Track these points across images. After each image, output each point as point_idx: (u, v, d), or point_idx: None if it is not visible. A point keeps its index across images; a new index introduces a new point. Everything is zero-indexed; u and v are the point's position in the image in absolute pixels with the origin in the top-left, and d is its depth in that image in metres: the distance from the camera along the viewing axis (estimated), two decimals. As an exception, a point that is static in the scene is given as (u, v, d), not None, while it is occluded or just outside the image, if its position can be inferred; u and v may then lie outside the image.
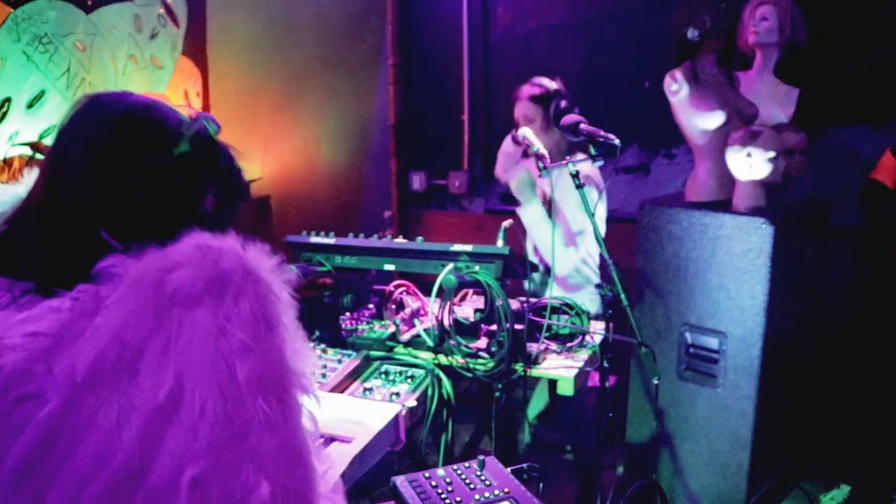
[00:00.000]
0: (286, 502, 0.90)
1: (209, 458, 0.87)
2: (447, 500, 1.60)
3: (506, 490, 1.65)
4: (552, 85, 3.18)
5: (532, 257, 3.26)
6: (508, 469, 1.77)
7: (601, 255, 2.91)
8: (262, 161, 5.16)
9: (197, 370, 0.89)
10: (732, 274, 3.10)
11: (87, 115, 1.07)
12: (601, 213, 3.15)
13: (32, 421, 0.87)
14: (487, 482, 1.69)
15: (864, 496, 3.45)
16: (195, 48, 4.71)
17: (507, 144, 3.30)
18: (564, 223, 3.14)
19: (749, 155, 3.03)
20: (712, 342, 3.19)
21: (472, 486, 1.67)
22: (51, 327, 0.92)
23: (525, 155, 3.19)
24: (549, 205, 3.15)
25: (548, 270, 3.06)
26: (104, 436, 0.86)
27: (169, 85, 4.71)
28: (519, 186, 3.15)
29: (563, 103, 3.04)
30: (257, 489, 0.88)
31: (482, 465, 1.76)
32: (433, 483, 1.67)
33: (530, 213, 3.12)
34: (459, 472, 1.73)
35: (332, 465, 1.46)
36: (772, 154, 3.02)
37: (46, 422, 0.87)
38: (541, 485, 1.85)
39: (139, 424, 0.86)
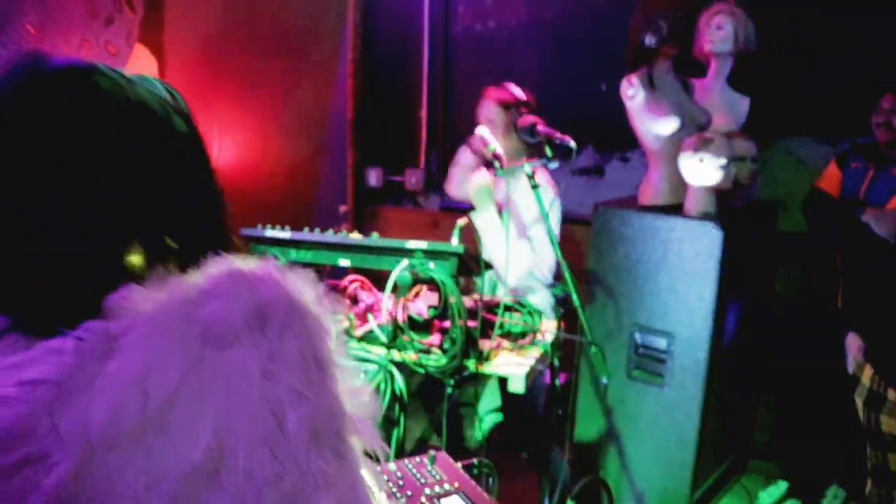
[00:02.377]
0: None
1: None
2: (398, 494, 1.62)
3: (456, 485, 1.68)
4: (521, 94, 3.21)
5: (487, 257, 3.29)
6: (459, 464, 1.79)
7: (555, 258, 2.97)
8: (217, 153, 5.10)
9: (239, 423, 0.73)
10: (682, 276, 3.17)
11: (51, 95, 0.86)
12: (555, 217, 3.19)
13: (38, 490, 0.70)
14: (438, 477, 1.71)
15: (798, 492, 3.56)
16: (152, 36, 4.66)
17: (463, 156, 3.33)
18: (519, 228, 3.17)
19: (701, 161, 3.10)
20: (661, 343, 3.26)
21: (422, 480, 1.69)
22: (52, 373, 0.74)
23: (487, 165, 3.21)
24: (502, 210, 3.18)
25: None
26: None
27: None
28: (478, 193, 3.17)
29: (527, 113, 3.07)
30: None
31: (433, 460, 1.78)
32: (384, 477, 1.69)
33: (485, 220, 3.15)
34: (410, 466, 1.75)
35: None
36: (723, 161, 3.08)
37: (55, 491, 0.70)
38: (491, 480, 1.88)
39: (172, 491, 0.71)
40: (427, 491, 1.64)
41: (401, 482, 1.67)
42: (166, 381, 0.73)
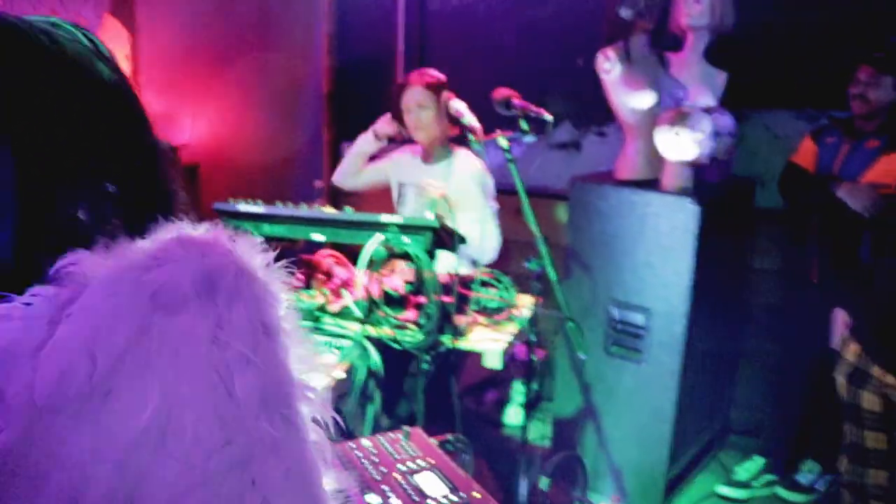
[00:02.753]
0: None
1: (206, 490, 0.73)
2: (371, 470, 1.60)
3: (430, 461, 1.66)
4: (442, 76, 3.18)
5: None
6: (434, 440, 1.77)
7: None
8: (190, 127, 5.03)
9: (187, 388, 0.73)
10: (658, 251, 3.16)
11: None
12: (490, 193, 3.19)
13: None
14: (412, 453, 1.69)
15: (775, 467, 3.58)
16: (122, 7, 4.56)
17: (366, 143, 3.36)
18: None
19: (677, 135, 3.08)
20: (638, 318, 3.25)
21: (396, 456, 1.67)
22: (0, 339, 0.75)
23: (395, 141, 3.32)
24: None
25: None
26: (76, 472, 0.70)
27: (94, 45, 4.56)
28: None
29: (452, 97, 3.07)
30: None
31: (407, 436, 1.76)
32: (358, 453, 1.67)
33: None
34: (384, 442, 1.73)
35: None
36: (700, 135, 3.07)
37: (1, 457, 0.70)
38: (466, 456, 1.86)
39: (118, 456, 0.71)
40: (401, 467, 1.62)
41: (375, 458, 1.65)
42: (113, 346, 0.72)
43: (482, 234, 3.05)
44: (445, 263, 2.85)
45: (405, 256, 2.32)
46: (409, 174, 3.26)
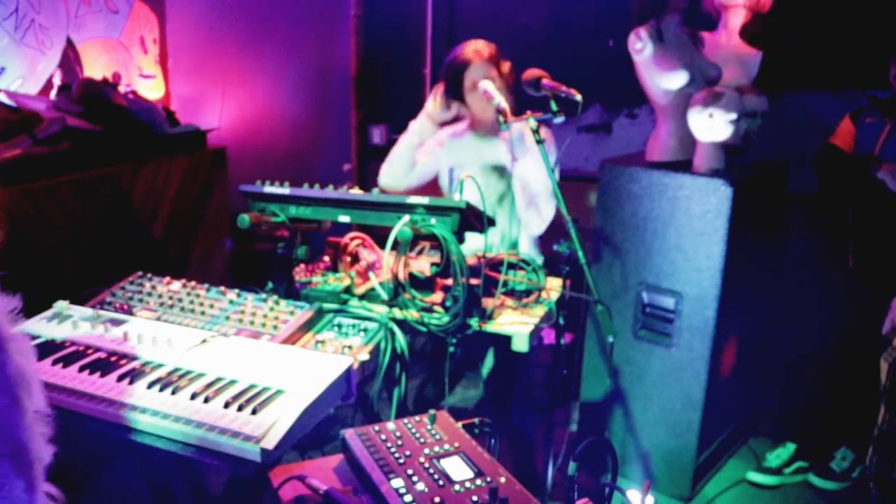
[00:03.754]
0: None
1: None
2: (396, 454, 1.58)
3: (456, 444, 1.64)
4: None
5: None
6: (460, 424, 1.75)
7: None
8: (219, 111, 5.04)
9: None
10: (690, 235, 3.11)
11: None
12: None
13: None
14: (438, 436, 1.67)
15: (807, 453, 3.52)
16: (153, -6, 4.59)
17: (423, 129, 3.15)
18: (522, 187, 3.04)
19: (711, 116, 3.02)
20: (668, 302, 3.21)
21: (421, 440, 1.65)
22: None
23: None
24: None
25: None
26: None
27: (124, 31, 4.57)
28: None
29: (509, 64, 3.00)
30: None
31: (433, 420, 1.74)
32: (383, 437, 1.65)
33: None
34: (409, 426, 1.71)
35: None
36: (733, 116, 3.01)
37: None
38: (492, 440, 1.84)
39: None
40: (426, 451, 1.60)
41: (399, 442, 1.63)
42: None
43: (547, 202, 2.93)
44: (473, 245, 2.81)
45: (433, 238, 2.29)
46: (466, 155, 3.11)
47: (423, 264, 2.46)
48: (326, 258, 2.74)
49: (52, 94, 3.96)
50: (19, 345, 0.94)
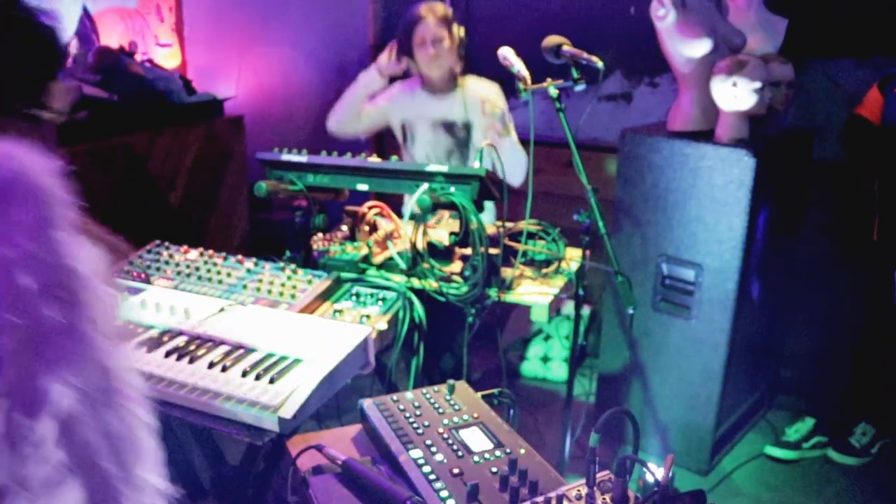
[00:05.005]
0: (91, 407, 0.88)
1: (2, 370, 0.84)
2: (415, 424, 1.57)
3: (475, 415, 1.62)
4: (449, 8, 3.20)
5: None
6: (479, 394, 1.74)
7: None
8: (236, 79, 5.01)
9: None
10: (711, 205, 3.06)
11: None
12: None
13: None
14: (457, 407, 1.65)
15: (827, 429, 3.49)
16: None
17: (372, 82, 3.28)
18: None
19: (734, 85, 2.97)
20: (688, 274, 3.17)
21: (440, 410, 1.64)
22: None
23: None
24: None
25: None
26: None
27: (140, -1, 4.54)
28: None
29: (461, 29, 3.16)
30: (56, 396, 0.85)
31: (451, 390, 1.72)
32: (401, 407, 1.64)
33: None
34: (428, 396, 1.70)
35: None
36: (757, 85, 2.95)
37: None
38: (511, 411, 1.82)
39: None
40: (445, 422, 1.59)
41: (418, 412, 1.62)
42: None
43: (511, 158, 2.98)
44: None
45: (452, 207, 2.27)
46: (416, 110, 3.23)
47: (441, 234, 2.44)
48: (344, 227, 2.72)
49: (69, 63, 3.94)
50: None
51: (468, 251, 2.32)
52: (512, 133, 3.09)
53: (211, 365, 1.78)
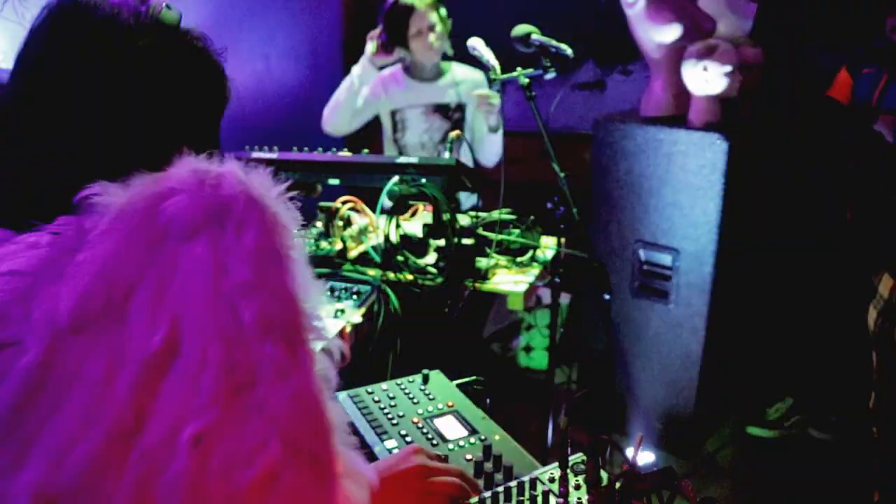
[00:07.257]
0: (298, 461, 0.79)
1: (212, 412, 0.75)
2: (389, 415, 1.57)
3: (449, 404, 1.62)
4: None
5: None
6: (454, 383, 1.74)
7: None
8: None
9: (195, 313, 0.77)
10: (686, 190, 3.08)
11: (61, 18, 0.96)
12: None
13: (11, 371, 0.76)
14: (431, 396, 1.65)
15: (805, 409, 3.52)
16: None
17: (366, 74, 3.30)
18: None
19: (705, 69, 2.98)
20: (665, 259, 3.19)
21: (415, 400, 1.63)
22: (28, 265, 0.80)
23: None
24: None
25: None
26: (93, 389, 0.75)
27: (108, -3, 4.50)
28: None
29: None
30: (266, 447, 0.77)
31: (425, 380, 1.72)
32: (376, 398, 1.64)
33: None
34: (403, 386, 1.69)
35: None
36: (728, 68, 2.96)
37: (26, 373, 0.76)
38: (487, 399, 1.82)
39: (131, 376, 0.75)
40: (420, 411, 1.59)
41: (392, 403, 1.62)
42: (128, 271, 0.77)
43: (496, 148, 3.15)
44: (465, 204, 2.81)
45: (425, 198, 2.27)
46: (407, 98, 3.29)
47: (415, 226, 2.44)
48: (319, 223, 2.71)
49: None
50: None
51: (442, 242, 2.32)
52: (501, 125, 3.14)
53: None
